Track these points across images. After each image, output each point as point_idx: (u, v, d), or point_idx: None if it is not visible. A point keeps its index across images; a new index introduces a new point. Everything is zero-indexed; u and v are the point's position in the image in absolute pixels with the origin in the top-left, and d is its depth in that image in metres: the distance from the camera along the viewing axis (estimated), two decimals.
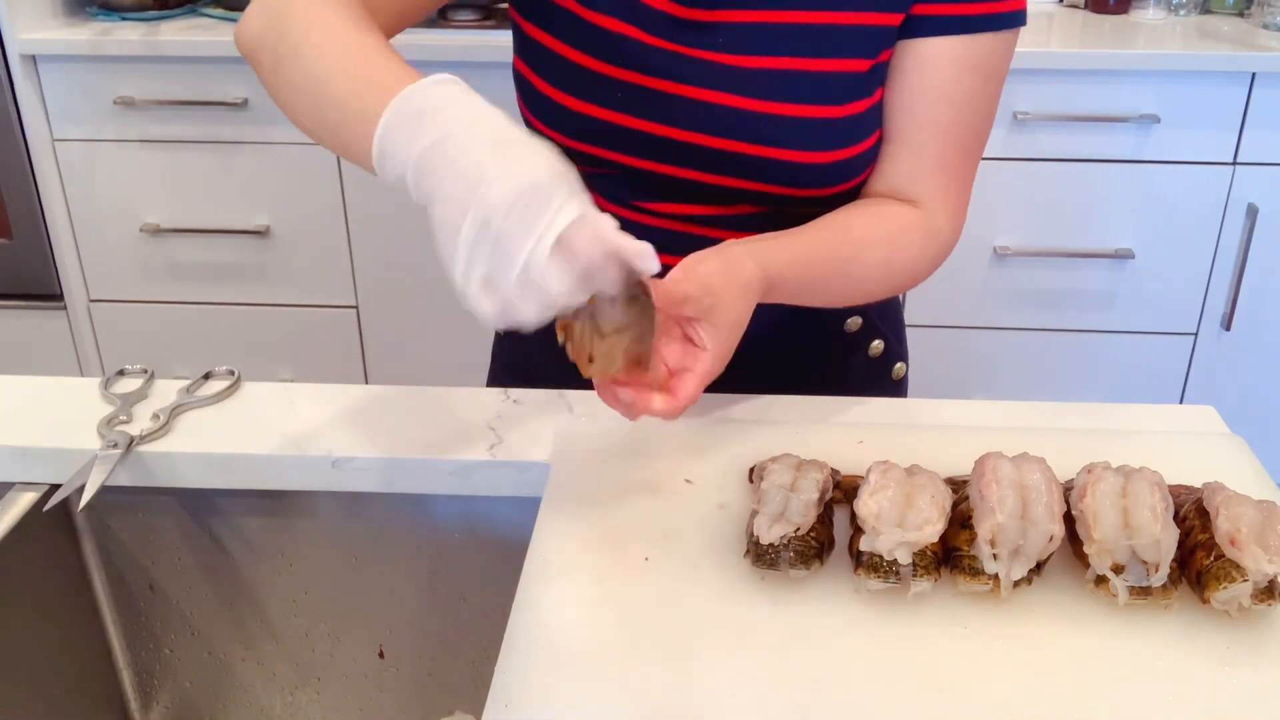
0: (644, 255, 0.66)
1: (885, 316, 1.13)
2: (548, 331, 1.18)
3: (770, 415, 0.97)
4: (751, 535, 0.76)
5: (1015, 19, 0.95)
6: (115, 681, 1.05)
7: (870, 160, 0.98)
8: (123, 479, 0.94)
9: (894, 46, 0.95)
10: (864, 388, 1.09)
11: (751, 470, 0.85)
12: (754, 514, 0.77)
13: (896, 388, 1.18)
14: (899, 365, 1.16)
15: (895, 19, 0.93)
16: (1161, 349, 2.35)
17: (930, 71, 0.95)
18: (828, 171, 0.95)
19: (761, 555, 0.75)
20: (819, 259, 0.92)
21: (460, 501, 0.94)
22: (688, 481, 0.87)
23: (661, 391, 0.77)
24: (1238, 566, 0.70)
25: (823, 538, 0.76)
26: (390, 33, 0.90)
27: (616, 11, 0.94)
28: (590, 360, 0.75)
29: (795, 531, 0.74)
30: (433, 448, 0.93)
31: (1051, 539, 0.72)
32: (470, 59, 2.16)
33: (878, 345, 1.12)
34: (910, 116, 0.96)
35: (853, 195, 0.99)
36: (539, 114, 0.99)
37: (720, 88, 0.93)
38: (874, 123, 0.97)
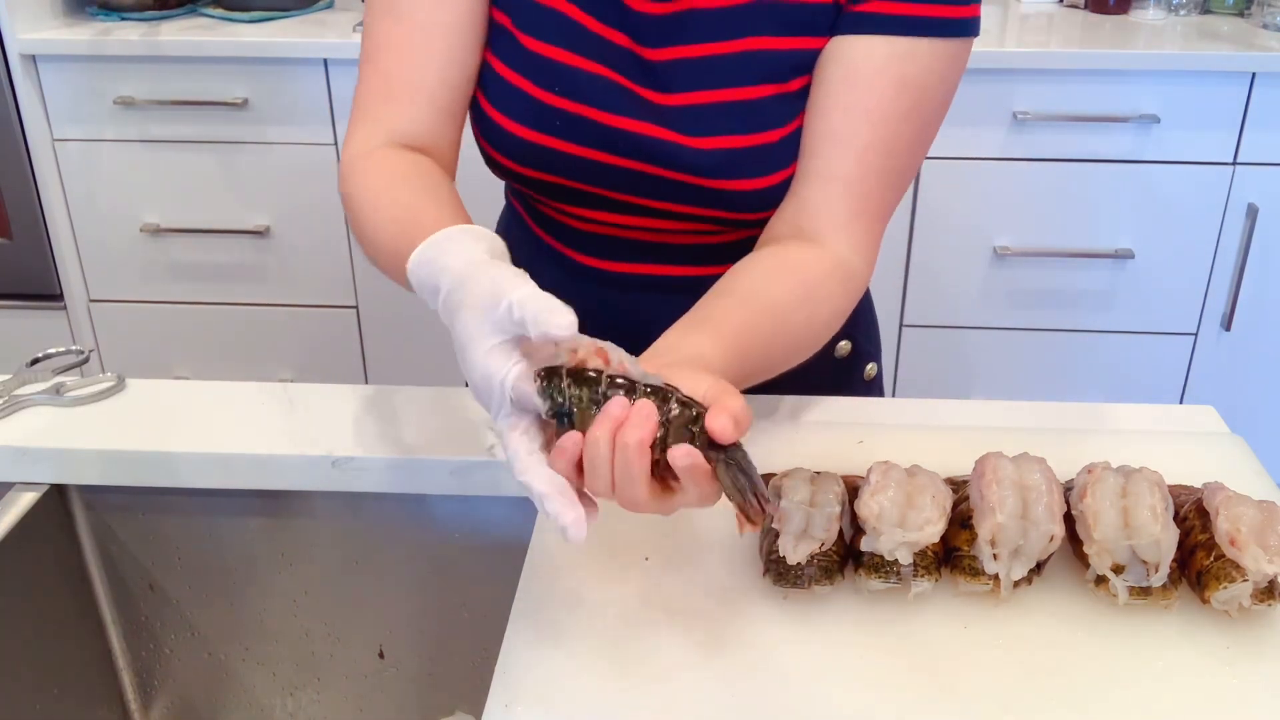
0: (547, 322, 0.62)
1: (853, 314, 1.03)
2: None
3: (770, 415, 0.97)
4: (770, 554, 0.74)
5: (961, 27, 0.85)
6: (115, 681, 1.05)
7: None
8: (124, 479, 0.94)
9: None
10: (833, 392, 1.02)
11: None
12: (775, 534, 0.74)
13: (869, 389, 1.12)
14: (870, 365, 1.10)
15: (819, 43, 0.88)
16: (1161, 349, 2.35)
17: (856, 84, 0.86)
18: (765, 196, 0.92)
19: (784, 574, 0.73)
20: (748, 346, 0.79)
21: (460, 501, 0.94)
22: None
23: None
24: (1238, 566, 0.70)
25: (842, 549, 0.75)
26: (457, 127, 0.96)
27: (553, 38, 0.91)
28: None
29: (820, 547, 0.73)
30: (433, 448, 0.93)
31: (1052, 539, 0.72)
32: None
33: (844, 345, 1.06)
34: (827, 132, 0.88)
35: None
36: (487, 137, 0.95)
37: (650, 119, 0.91)
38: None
